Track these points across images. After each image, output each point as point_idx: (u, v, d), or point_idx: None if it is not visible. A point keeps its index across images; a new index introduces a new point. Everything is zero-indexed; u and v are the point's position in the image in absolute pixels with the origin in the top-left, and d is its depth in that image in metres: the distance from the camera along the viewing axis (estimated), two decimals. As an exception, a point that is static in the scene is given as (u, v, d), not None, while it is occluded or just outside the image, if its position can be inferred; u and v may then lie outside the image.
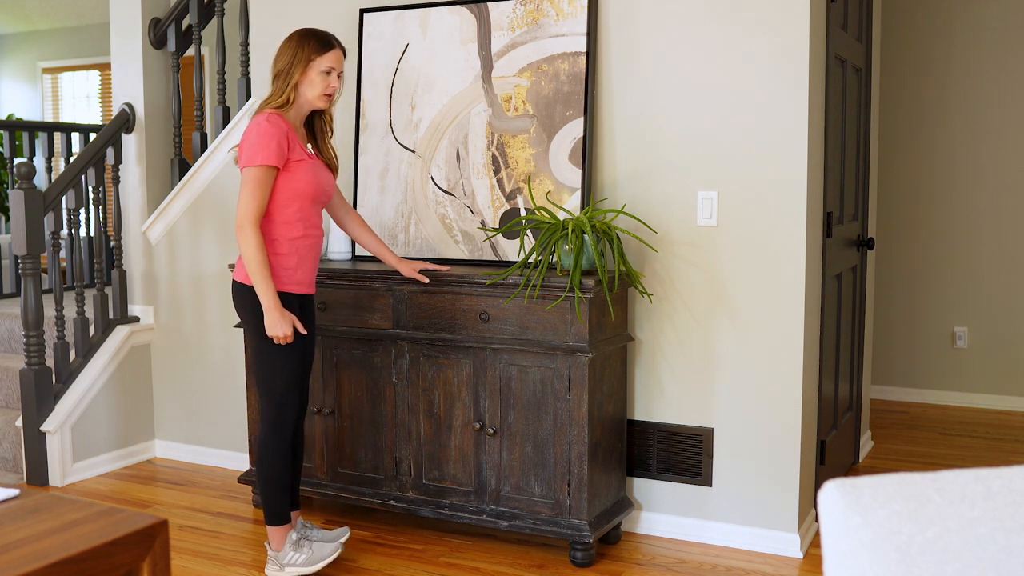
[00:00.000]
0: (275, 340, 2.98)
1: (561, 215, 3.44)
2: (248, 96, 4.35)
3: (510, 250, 3.54)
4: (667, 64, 3.40)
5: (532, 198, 3.37)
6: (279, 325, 2.95)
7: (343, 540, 3.23)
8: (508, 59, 3.58)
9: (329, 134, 3.19)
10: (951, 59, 5.38)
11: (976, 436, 4.86)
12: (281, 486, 3.11)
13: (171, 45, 4.53)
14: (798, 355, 3.28)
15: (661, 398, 3.50)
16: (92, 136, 5.71)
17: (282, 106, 3.02)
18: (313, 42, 3.02)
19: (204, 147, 4.58)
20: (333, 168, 3.20)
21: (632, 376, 3.54)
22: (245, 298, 3.03)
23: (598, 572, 3.22)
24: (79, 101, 9.16)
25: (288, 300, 3.04)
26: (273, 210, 3.00)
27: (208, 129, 6.93)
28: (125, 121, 4.50)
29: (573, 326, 3.16)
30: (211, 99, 7.25)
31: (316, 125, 3.16)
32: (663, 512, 3.53)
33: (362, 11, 3.86)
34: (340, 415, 3.58)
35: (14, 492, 1.55)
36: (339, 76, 3.06)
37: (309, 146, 3.15)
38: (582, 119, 3.46)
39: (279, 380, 3.05)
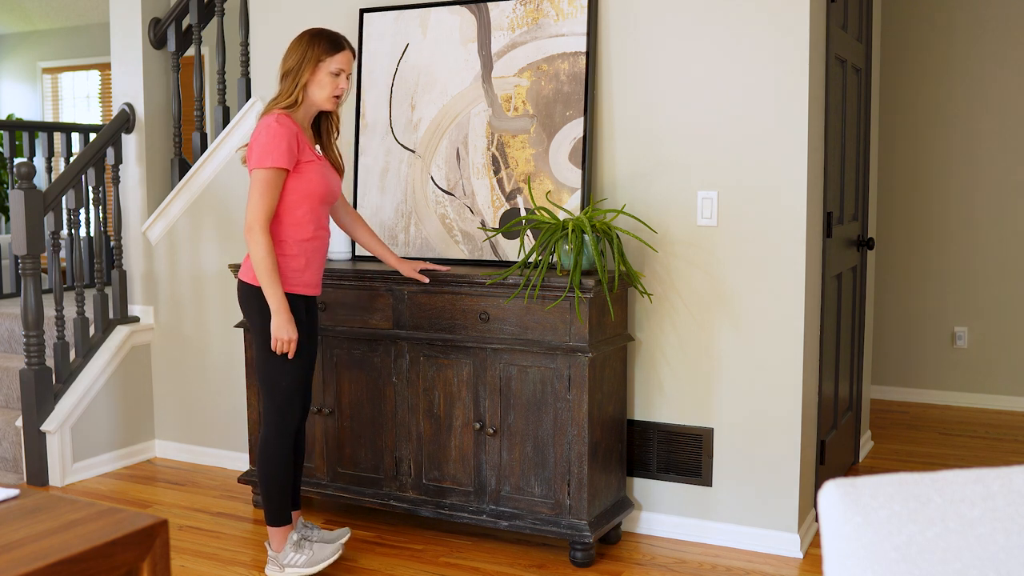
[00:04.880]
0: (280, 344, 2.96)
1: (561, 215, 3.44)
2: (248, 96, 4.35)
3: (510, 250, 3.54)
4: (667, 64, 3.40)
5: (532, 198, 3.37)
6: (286, 329, 2.94)
7: (343, 541, 3.23)
8: (508, 59, 3.58)
9: (335, 135, 3.19)
10: (951, 59, 5.38)
11: (976, 436, 4.86)
12: (283, 487, 3.11)
13: (171, 45, 4.53)
14: (798, 355, 3.28)
15: (661, 398, 3.50)
16: (92, 136, 5.71)
17: (290, 106, 3.00)
18: (323, 43, 3.00)
19: (204, 147, 4.58)
20: (339, 170, 3.19)
21: (632, 376, 3.54)
22: (251, 298, 3.02)
23: (598, 572, 3.22)
24: (79, 101, 9.16)
25: (295, 302, 3.04)
26: (283, 212, 2.99)
27: (208, 129, 6.93)
28: (125, 121, 4.50)
29: (573, 326, 3.16)
30: (211, 99, 7.25)
31: (323, 126, 3.15)
32: (663, 512, 3.53)
33: (362, 11, 3.86)
34: (340, 415, 3.58)
35: (14, 492, 1.55)
36: (347, 77, 3.05)
37: (317, 147, 3.15)
38: (582, 119, 3.46)
39: (283, 382, 3.05)
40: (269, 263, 2.91)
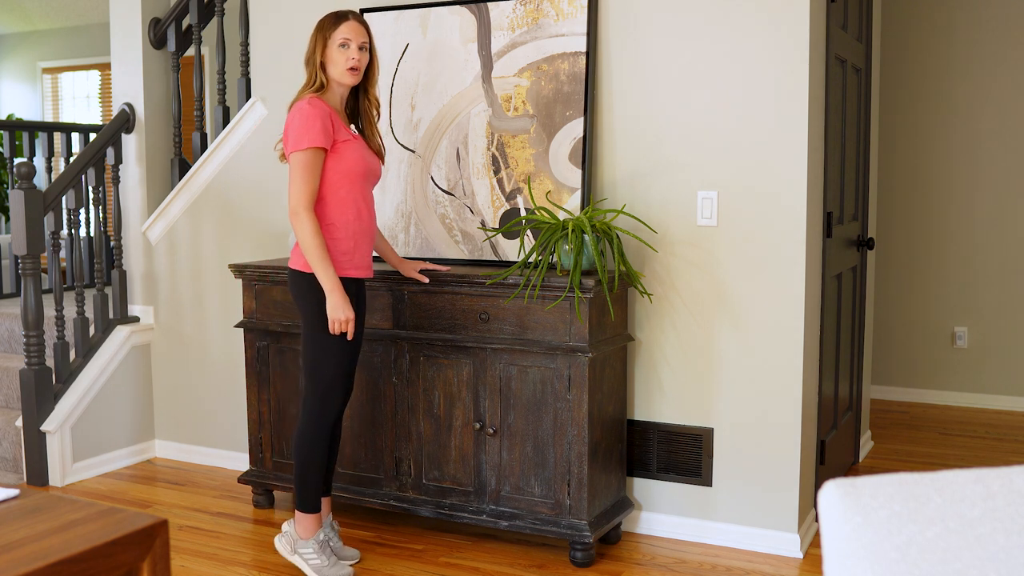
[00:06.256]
0: (337, 324, 2.93)
1: (561, 215, 3.44)
2: (248, 96, 4.35)
3: (510, 250, 3.54)
4: (667, 64, 3.40)
5: (532, 198, 3.37)
6: (342, 308, 2.91)
7: (354, 564, 3.26)
8: (508, 59, 3.58)
9: (376, 117, 3.17)
10: (951, 59, 5.38)
11: (976, 436, 4.86)
12: (316, 474, 3.11)
13: (171, 45, 4.53)
14: (798, 355, 3.28)
15: (661, 398, 3.50)
16: (92, 136, 5.71)
17: (318, 91, 3.01)
18: (327, 20, 3.03)
19: (204, 147, 4.58)
20: (380, 154, 3.18)
21: (632, 376, 3.54)
22: (302, 285, 3.00)
23: (598, 572, 3.22)
24: (79, 101, 9.16)
25: (346, 285, 3.02)
26: (325, 194, 2.97)
27: (208, 129, 6.93)
28: (125, 121, 4.50)
29: (573, 326, 3.16)
30: (211, 99, 7.25)
31: (362, 106, 3.14)
32: (663, 512, 3.53)
33: (362, 11, 3.86)
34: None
35: (14, 492, 1.55)
36: (362, 49, 3.02)
37: (352, 127, 3.15)
38: (582, 119, 3.46)
39: (329, 369, 3.04)
40: (317, 243, 2.89)
